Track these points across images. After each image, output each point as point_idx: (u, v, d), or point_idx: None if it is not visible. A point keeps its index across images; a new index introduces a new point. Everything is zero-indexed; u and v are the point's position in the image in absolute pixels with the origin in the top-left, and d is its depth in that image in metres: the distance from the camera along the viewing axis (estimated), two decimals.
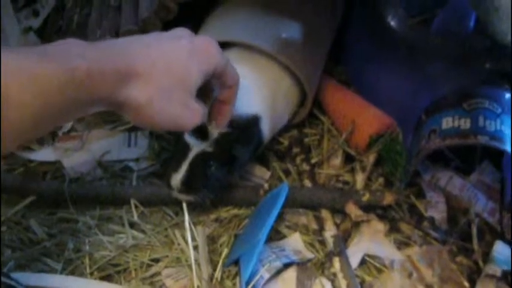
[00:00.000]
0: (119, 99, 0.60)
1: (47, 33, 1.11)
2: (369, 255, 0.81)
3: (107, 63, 0.58)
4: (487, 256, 0.79)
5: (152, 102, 0.62)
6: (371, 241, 0.82)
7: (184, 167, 0.77)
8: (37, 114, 0.53)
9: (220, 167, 0.79)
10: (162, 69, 0.63)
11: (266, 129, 0.85)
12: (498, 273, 0.75)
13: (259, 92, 0.85)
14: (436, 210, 0.85)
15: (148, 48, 0.63)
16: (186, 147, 0.78)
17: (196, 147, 0.78)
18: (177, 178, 0.78)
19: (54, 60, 0.54)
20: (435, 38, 0.90)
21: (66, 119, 0.59)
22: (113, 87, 0.59)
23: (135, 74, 0.60)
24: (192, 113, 0.67)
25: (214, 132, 0.78)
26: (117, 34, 0.93)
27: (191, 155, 0.78)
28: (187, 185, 0.78)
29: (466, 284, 0.77)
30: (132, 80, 0.60)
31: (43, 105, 0.53)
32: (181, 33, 0.69)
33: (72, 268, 0.79)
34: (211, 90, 0.74)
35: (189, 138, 0.78)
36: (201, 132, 0.77)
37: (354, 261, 0.79)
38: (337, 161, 0.93)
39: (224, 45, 0.88)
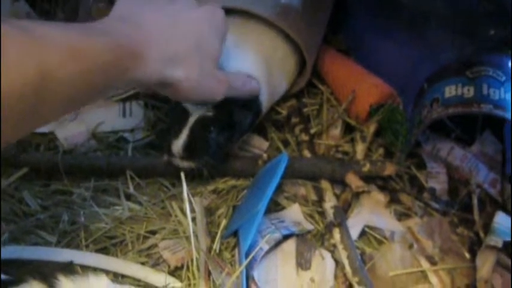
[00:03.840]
0: (162, 77, 0.62)
1: (38, 1, 1.09)
2: (369, 227, 0.80)
3: (149, 42, 0.60)
4: (488, 227, 0.78)
5: (189, 78, 0.64)
6: (371, 212, 0.82)
7: (185, 133, 0.76)
8: (80, 88, 0.53)
9: (220, 132, 0.78)
10: (192, 45, 0.65)
11: (264, 96, 0.84)
12: (499, 244, 0.75)
13: (255, 59, 0.83)
14: (437, 181, 0.85)
15: (176, 23, 0.64)
16: (185, 113, 0.76)
17: (195, 112, 0.76)
18: (178, 144, 0.76)
19: (99, 37, 0.55)
20: (438, 4, 0.88)
21: (101, 96, 0.61)
22: (157, 66, 0.61)
23: (174, 54, 0.62)
24: (220, 83, 0.70)
25: None
26: (110, 1, 0.90)
27: (191, 120, 0.76)
28: (189, 150, 0.76)
29: (467, 255, 0.77)
30: (172, 59, 0.62)
31: (87, 80, 0.53)
32: (190, 2, 0.69)
33: (67, 241, 0.78)
34: None
35: (187, 104, 0.77)
36: None
37: (354, 233, 0.79)
38: (336, 131, 0.92)
39: None
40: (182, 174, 0.73)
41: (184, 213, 0.78)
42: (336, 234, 0.78)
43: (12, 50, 0.46)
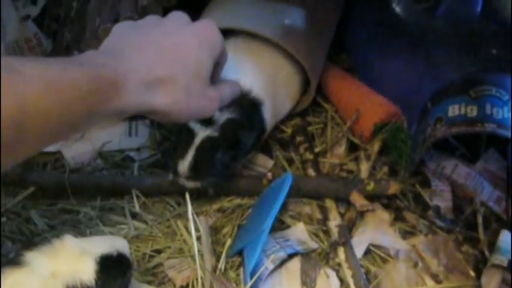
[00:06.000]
0: (145, 106, 0.63)
1: (46, 21, 1.10)
2: (373, 245, 0.80)
3: (130, 72, 0.60)
4: (493, 245, 0.78)
5: (177, 102, 0.65)
6: (376, 231, 0.81)
7: (190, 153, 0.77)
8: (59, 121, 0.54)
9: (226, 153, 0.79)
10: (179, 68, 0.65)
11: (268, 115, 0.84)
12: (504, 263, 0.75)
13: (259, 79, 0.84)
14: (442, 199, 0.85)
15: (160, 47, 0.65)
16: (191, 134, 0.77)
17: (201, 132, 0.77)
18: (184, 164, 0.77)
19: (79, 69, 0.56)
20: (441, 24, 0.88)
21: (87, 126, 0.63)
22: (138, 95, 0.61)
23: (157, 80, 0.63)
24: (210, 101, 0.69)
25: (221, 117, 0.77)
26: (116, 22, 0.91)
27: (197, 140, 0.77)
28: (195, 171, 0.77)
29: (472, 273, 0.77)
30: (156, 85, 0.63)
31: (65, 113, 0.54)
32: (182, 19, 0.69)
33: None
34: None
35: (193, 125, 0.77)
36: None
37: (359, 251, 0.79)
38: (341, 149, 0.92)
39: (225, 32, 0.87)
40: (187, 195, 0.73)
41: (189, 232, 0.78)
42: (341, 253, 0.78)
43: None
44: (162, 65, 0.63)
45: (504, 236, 0.78)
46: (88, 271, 0.60)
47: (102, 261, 0.61)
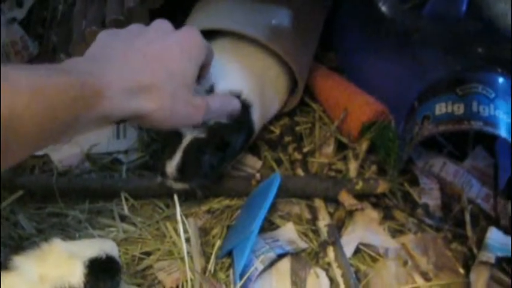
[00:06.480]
0: (130, 112, 0.63)
1: (32, 24, 1.09)
2: (363, 244, 0.80)
3: (114, 79, 0.61)
4: (481, 242, 0.78)
5: (161, 109, 0.65)
6: (365, 230, 0.81)
7: (178, 154, 0.77)
8: (46, 127, 0.55)
9: (213, 154, 0.78)
10: (163, 75, 0.65)
11: (256, 117, 0.84)
12: (492, 259, 0.75)
13: (247, 79, 0.84)
14: (430, 197, 0.85)
15: (145, 56, 0.65)
16: (179, 135, 0.77)
17: (189, 134, 0.77)
18: (172, 165, 0.77)
19: (64, 76, 0.57)
20: (427, 23, 0.89)
21: (74, 132, 0.62)
22: (123, 101, 0.62)
23: (141, 87, 0.63)
24: (196, 110, 0.70)
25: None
26: (103, 24, 0.91)
27: (185, 142, 0.77)
28: (182, 172, 0.77)
29: (461, 270, 0.77)
30: (140, 92, 0.63)
31: (52, 119, 0.55)
32: (165, 28, 0.70)
33: None
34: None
35: None
36: None
37: (348, 250, 0.79)
38: (329, 149, 0.92)
39: (212, 33, 0.87)
40: (175, 196, 0.73)
41: (178, 234, 0.78)
42: (330, 252, 0.78)
43: None
44: (146, 72, 0.64)
45: (492, 233, 0.78)
46: (77, 274, 0.60)
47: (91, 264, 0.61)
